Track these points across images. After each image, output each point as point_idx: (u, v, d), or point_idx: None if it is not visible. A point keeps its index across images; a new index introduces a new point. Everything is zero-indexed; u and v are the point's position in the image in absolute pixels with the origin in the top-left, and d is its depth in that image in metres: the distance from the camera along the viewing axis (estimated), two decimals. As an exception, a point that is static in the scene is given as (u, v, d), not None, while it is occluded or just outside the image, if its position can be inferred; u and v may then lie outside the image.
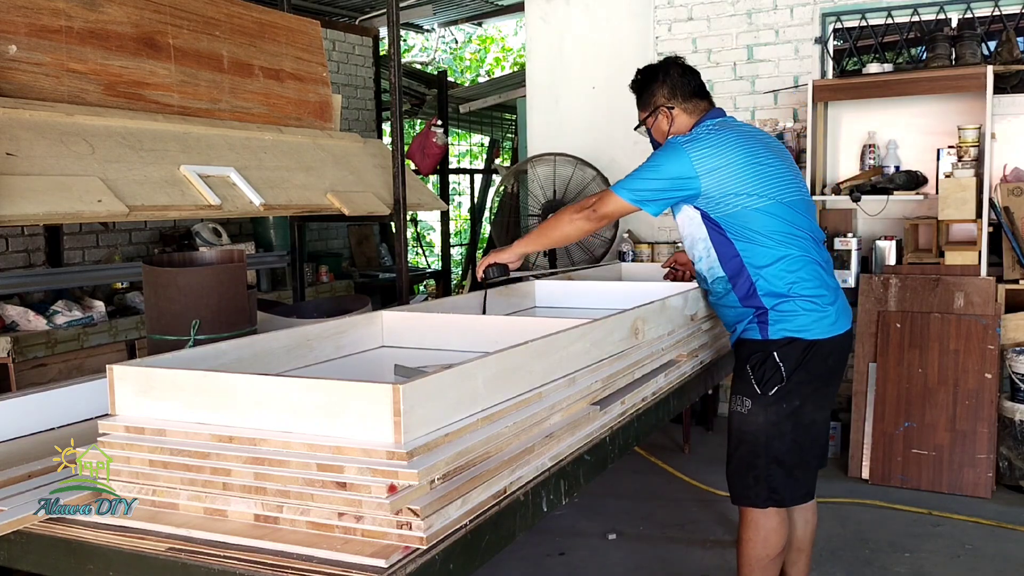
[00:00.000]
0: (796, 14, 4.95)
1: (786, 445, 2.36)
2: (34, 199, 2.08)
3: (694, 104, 2.52)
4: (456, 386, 1.40)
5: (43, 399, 1.86)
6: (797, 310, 2.31)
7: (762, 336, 2.34)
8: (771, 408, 2.34)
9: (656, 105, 2.53)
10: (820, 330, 2.32)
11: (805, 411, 2.37)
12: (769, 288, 2.31)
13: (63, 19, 2.43)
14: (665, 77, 2.53)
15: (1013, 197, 4.11)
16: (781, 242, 2.31)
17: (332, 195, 3.01)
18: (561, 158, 5.23)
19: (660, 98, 2.52)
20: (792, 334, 2.31)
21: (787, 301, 2.31)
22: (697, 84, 2.56)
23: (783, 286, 2.31)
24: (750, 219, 2.30)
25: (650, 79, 2.55)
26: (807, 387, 2.35)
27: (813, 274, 2.34)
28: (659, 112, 2.53)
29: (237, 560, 1.23)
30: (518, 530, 1.49)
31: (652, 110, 2.54)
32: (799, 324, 2.31)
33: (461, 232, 10.49)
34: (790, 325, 2.31)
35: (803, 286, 2.31)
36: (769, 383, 2.32)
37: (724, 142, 2.34)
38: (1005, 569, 3.19)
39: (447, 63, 11.64)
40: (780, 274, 2.31)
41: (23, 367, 3.81)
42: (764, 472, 2.37)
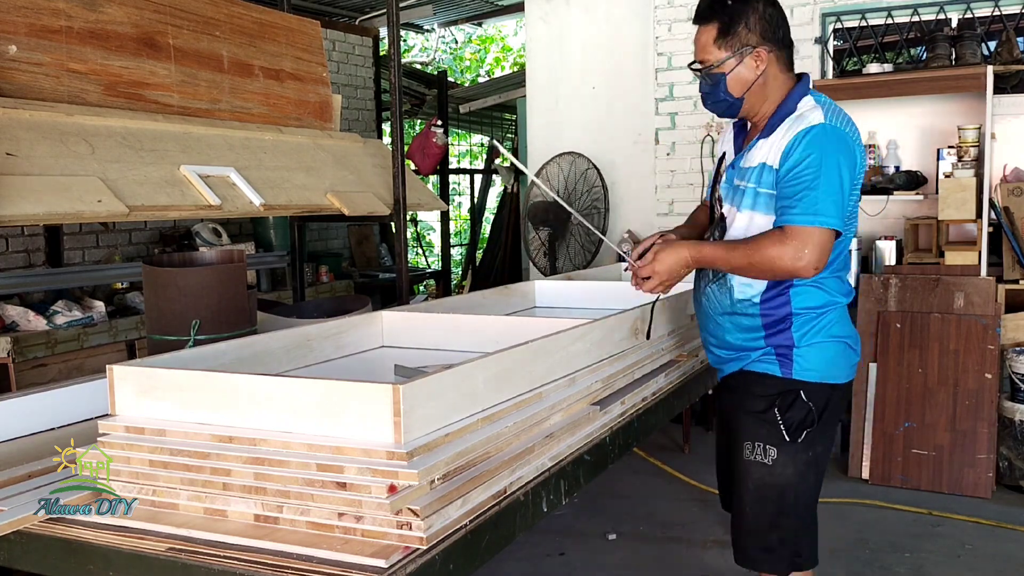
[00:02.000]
0: (796, 14, 4.95)
1: (814, 498, 2.03)
2: (34, 199, 2.08)
3: (786, 57, 1.96)
4: (456, 386, 1.40)
5: (43, 399, 1.86)
6: (828, 351, 1.96)
7: (783, 374, 1.96)
8: (800, 456, 1.96)
9: (745, 43, 1.90)
10: (847, 372, 2.02)
11: (825, 457, 2.04)
12: (807, 326, 1.95)
13: (63, 19, 2.43)
14: (766, 7, 1.91)
15: (1013, 197, 4.11)
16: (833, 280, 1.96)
17: (332, 195, 3.01)
18: (563, 157, 5.23)
19: (752, 35, 1.90)
20: (820, 377, 1.96)
21: (821, 342, 1.95)
22: (790, 34, 1.98)
23: (821, 325, 1.95)
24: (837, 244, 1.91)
25: (743, 5, 1.91)
26: (831, 429, 2.04)
27: (844, 313, 2.02)
28: (746, 54, 1.91)
29: (237, 560, 1.23)
30: (518, 530, 1.49)
31: (738, 47, 1.91)
32: (828, 365, 1.96)
33: (461, 232, 10.49)
34: (819, 365, 1.96)
35: (839, 327, 1.98)
36: (799, 427, 1.94)
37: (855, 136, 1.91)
38: (1005, 569, 3.19)
39: (447, 63, 11.64)
40: (824, 311, 1.95)
41: (23, 367, 3.81)
42: (791, 533, 1.99)
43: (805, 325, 1.95)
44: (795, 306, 1.94)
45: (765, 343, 1.97)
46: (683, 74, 5.29)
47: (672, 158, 5.37)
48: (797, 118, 1.91)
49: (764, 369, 1.98)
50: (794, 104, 1.94)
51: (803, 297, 1.94)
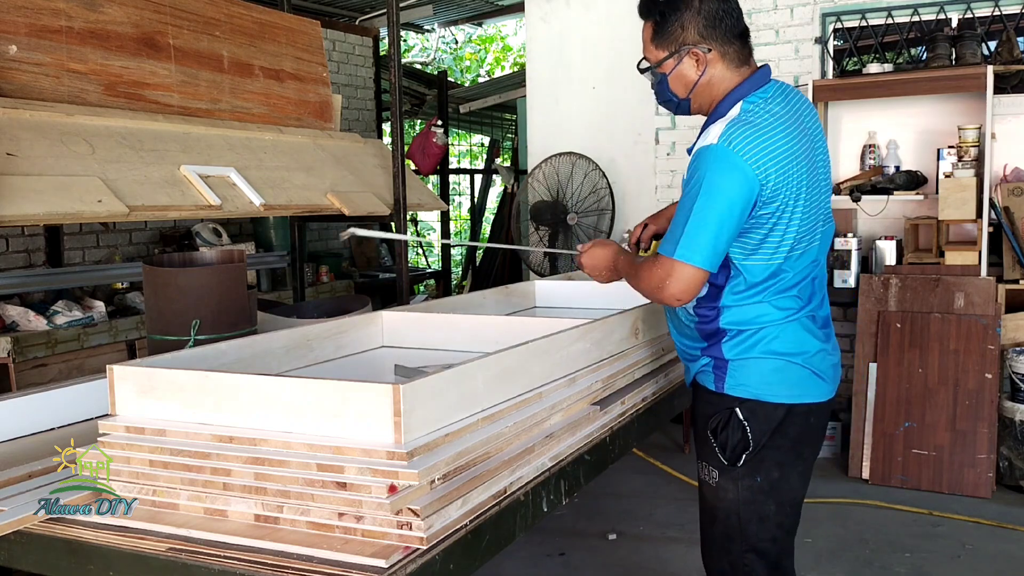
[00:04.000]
0: (796, 14, 4.95)
1: (769, 531, 1.81)
2: (34, 199, 2.08)
3: (735, 51, 1.77)
4: (456, 386, 1.40)
5: (43, 399, 1.86)
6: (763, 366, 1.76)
7: (716, 388, 1.80)
8: (742, 483, 1.78)
9: (682, 42, 1.76)
10: (797, 392, 1.78)
11: (789, 486, 1.82)
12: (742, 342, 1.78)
13: (63, 19, 2.43)
14: (701, 3, 1.74)
15: (1013, 197, 4.11)
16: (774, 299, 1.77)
17: (332, 195, 3.01)
18: (563, 157, 5.23)
19: (690, 33, 1.75)
20: (755, 395, 1.77)
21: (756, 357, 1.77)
22: (743, 25, 1.79)
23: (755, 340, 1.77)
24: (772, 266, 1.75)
25: (677, 1, 1.75)
26: (789, 455, 1.80)
27: (790, 329, 1.78)
28: (684, 53, 1.76)
29: (237, 560, 1.23)
30: (518, 530, 1.49)
31: (675, 47, 1.77)
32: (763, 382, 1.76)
33: (461, 232, 10.49)
34: (752, 381, 1.77)
35: (781, 343, 1.76)
36: (735, 450, 1.77)
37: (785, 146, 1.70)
38: (1005, 569, 3.19)
39: (447, 63, 11.64)
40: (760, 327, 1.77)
41: (23, 367, 3.81)
42: (739, 561, 1.82)
43: (739, 341, 1.77)
44: (724, 322, 1.77)
45: (702, 353, 1.82)
46: (683, 74, 5.29)
47: (672, 158, 5.37)
48: (719, 116, 1.74)
49: (703, 382, 1.83)
50: (727, 108, 1.75)
51: (733, 312, 1.77)
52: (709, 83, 1.78)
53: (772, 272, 1.74)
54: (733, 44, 1.77)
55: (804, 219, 1.74)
